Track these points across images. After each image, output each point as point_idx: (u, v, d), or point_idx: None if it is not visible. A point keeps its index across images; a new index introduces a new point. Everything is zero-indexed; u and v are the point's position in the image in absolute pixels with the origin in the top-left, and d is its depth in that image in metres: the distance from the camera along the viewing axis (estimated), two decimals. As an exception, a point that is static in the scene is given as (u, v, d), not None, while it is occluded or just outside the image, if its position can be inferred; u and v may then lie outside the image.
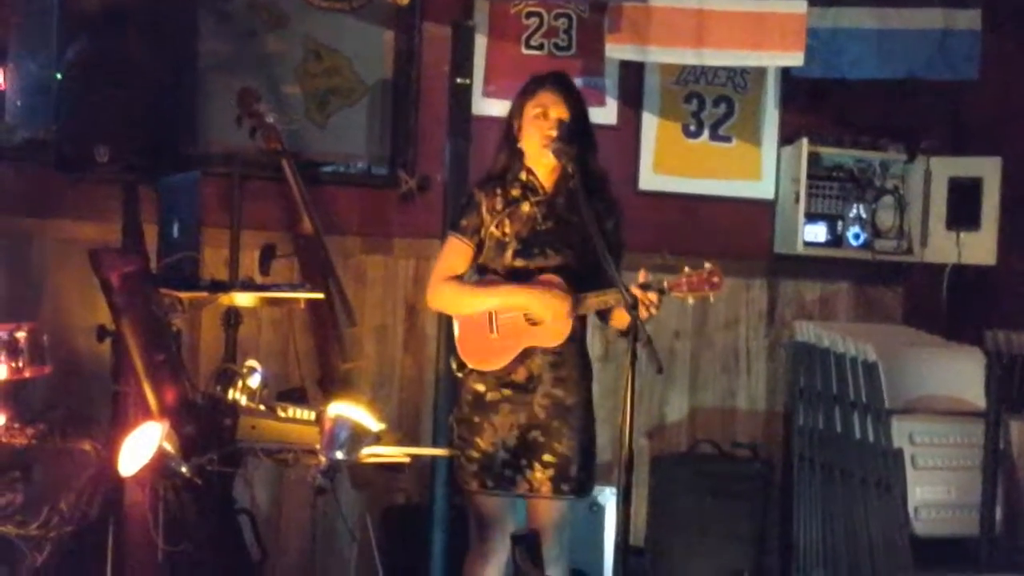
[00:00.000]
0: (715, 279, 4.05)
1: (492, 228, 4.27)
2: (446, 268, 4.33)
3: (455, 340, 4.32)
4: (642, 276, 4.04)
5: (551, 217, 4.27)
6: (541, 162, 4.28)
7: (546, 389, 4.23)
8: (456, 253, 4.33)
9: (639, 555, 5.94)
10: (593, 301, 4.14)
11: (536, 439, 4.22)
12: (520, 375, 4.23)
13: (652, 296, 3.96)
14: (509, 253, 4.25)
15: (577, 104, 4.30)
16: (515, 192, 4.30)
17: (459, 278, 4.33)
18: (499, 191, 4.30)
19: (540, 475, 4.22)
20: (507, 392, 4.23)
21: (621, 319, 4.18)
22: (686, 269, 4.06)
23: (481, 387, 4.26)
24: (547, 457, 4.22)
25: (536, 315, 4.17)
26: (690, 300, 4.09)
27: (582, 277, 4.20)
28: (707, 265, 4.06)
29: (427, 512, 5.43)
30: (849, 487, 5.73)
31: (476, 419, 4.26)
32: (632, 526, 4.25)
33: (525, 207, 4.28)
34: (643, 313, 3.94)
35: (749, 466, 6.06)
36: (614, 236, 4.26)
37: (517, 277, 4.23)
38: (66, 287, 5.46)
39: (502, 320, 4.21)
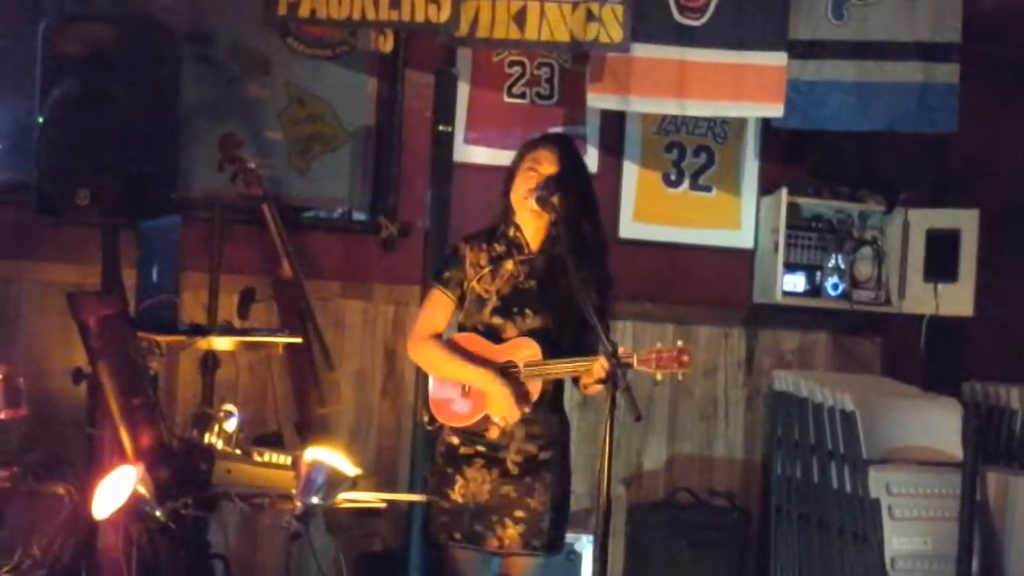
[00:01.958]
0: (684, 358, 4.01)
1: (474, 283, 4.24)
2: (428, 323, 4.28)
3: (428, 394, 4.31)
4: (621, 350, 4.02)
5: (534, 276, 4.24)
6: (527, 217, 4.25)
7: (519, 445, 4.19)
8: (438, 306, 4.29)
9: (616, 604, 5.93)
10: (558, 370, 4.11)
11: (508, 495, 4.17)
12: (493, 433, 4.18)
13: (601, 364, 3.93)
14: (488, 310, 4.21)
15: (571, 163, 4.26)
16: (500, 248, 4.26)
17: (440, 334, 4.28)
18: (484, 246, 4.27)
19: (511, 531, 4.16)
20: (480, 448, 4.20)
21: (589, 385, 4.12)
22: (658, 345, 4.05)
23: (455, 440, 4.23)
24: (519, 513, 4.16)
25: (489, 408, 4.14)
26: (658, 376, 4.06)
27: (559, 340, 4.17)
28: (679, 343, 4.05)
29: (403, 559, 5.41)
30: (826, 537, 5.73)
31: (449, 471, 4.21)
32: (609, 574, 4.24)
33: (508, 265, 4.25)
34: (593, 383, 3.99)
35: (726, 515, 6.06)
36: (600, 306, 4.15)
37: (493, 335, 4.20)
38: (44, 330, 5.45)
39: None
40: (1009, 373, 5.71)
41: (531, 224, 4.25)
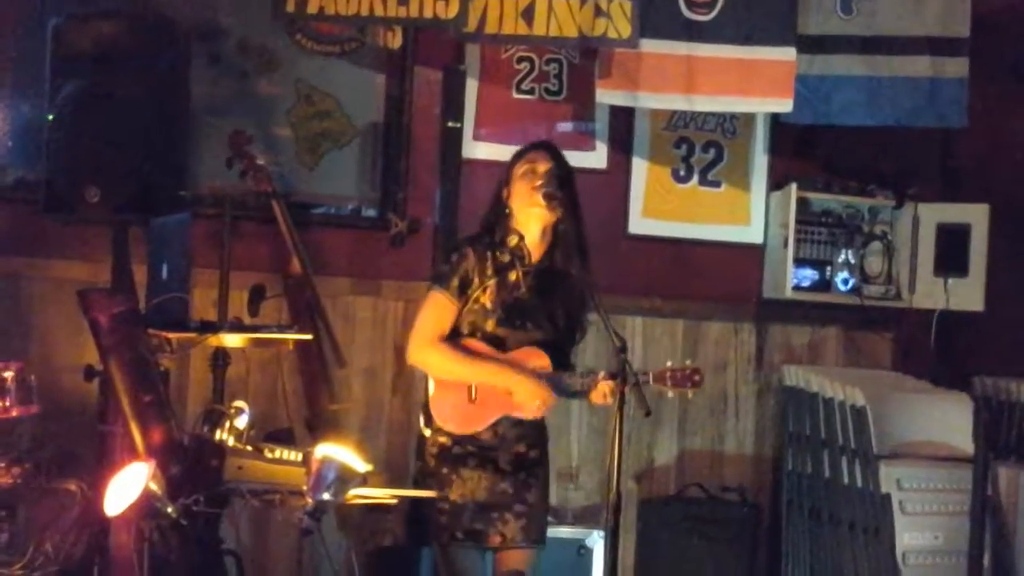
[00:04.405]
0: (697, 377, 4.12)
1: (479, 292, 4.23)
2: (432, 326, 4.23)
3: (428, 398, 4.28)
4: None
5: (536, 287, 4.25)
6: (531, 222, 4.25)
7: (509, 446, 4.23)
8: (441, 310, 4.24)
9: (627, 600, 5.93)
10: (571, 383, 4.16)
11: (505, 491, 4.20)
12: (486, 436, 4.20)
13: (607, 387, 4.02)
14: (491, 322, 4.22)
15: (564, 163, 4.29)
16: (504, 258, 4.26)
17: (443, 338, 4.24)
18: (489, 255, 4.25)
19: (512, 525, 4.20)
20: (472, 448, 4.20)
21: (597, 397, 4.15)
22: (669, 364, 4.12)
23: (447, 440, 4.22)
24: (518, 507, 4.21)
25: (519, 402, 4.16)
26: (670, 394, 4.14)
27: (561, 349, 4.23)
28: (689, 363, 4.15)
29: (414, 554, 5.41)
30: (837, 532, 5.73)
31: (444, 471, 4.21)
32: (620, 570, 4.25)
33: (512, 275, 4.24)
34: (600, 399, 4.07)
35: (737, 510, 6.05)
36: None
37: (497, 344, 4.21)
38: (55, 327, 5.46)
39: (482, 388, 4.18)
40: (1020, 368, 5.70)
41: (534, 230, 4.25)
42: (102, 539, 4.35)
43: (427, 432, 4.27)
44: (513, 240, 4.26)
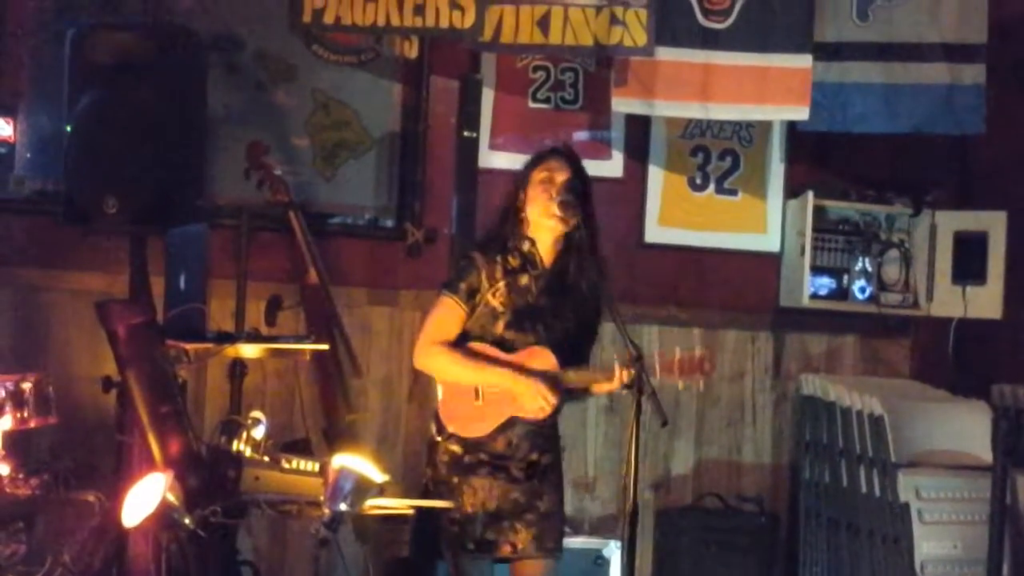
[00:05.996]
0: (706, 366, 4.05)
1: (488, 296, 4.21)
2: (438, 330, 4.23)
3: (437, 404, 4.29)
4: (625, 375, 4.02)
5: (547, 291, 4.23)
6: (544, 229, 4.23)
7: (523, 454, 4.20)
8: (450, 315, 4.23)
9: (644, 609, 5.92)
10: (576, 379, 4.13)
11: (517, 500, 4.18)
12: (499, 444, 4.18)
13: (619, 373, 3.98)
14: (501, 324, 4.20)
15: (580, 170, 4.28)
16: (515, 262, 4.23)
17: (449, 342, 4.22)
18: (499, 259, 4.23)
19: (523, 535, 4.17)
20: (484, 456, 4.18)
21: (600, 388, 4.17)
22: (677, 352, 4.05)
23: (458, 449, 4.20)
24: (529, 516, 4.18)
25: (522, 403, 4.14)
26: (680, 385, 4.10)
27: (570, 349, 4.19)
28: (698, 351, 4.07)
29: (429, 566, 5.41)
30: (855, 541, 5.71)
31: (455, 480, 4.19)
32: (637, 580, 4.26)
33: (523, 279, 4.22)
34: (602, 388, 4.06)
35: (755, 520, 6.04)
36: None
37: (504, 348, 4.19)
38: (73, 338, 5.48)
39: (488, 389, 4.17)
40: (1039, 376, 5.68)
41: (547, 237, 4.23)
42: (120, 550, 4.36)
43: (439, 439, 4.25)
44: (525, 245, 4.25)
